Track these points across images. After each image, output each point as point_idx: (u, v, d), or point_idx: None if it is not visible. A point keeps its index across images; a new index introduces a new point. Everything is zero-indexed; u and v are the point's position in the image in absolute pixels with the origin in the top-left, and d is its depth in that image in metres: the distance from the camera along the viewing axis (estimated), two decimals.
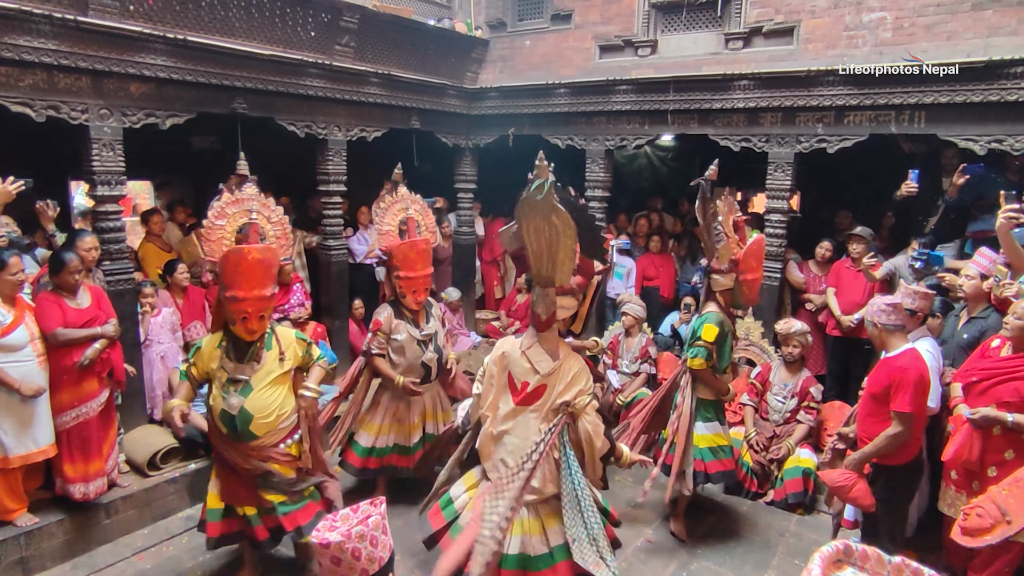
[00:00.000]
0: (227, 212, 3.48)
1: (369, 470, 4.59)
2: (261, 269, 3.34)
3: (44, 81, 4.05)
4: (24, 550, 3.85)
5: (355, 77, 5.93)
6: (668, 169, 9.05)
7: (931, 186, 5.26)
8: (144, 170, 7.54)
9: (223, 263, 3.33)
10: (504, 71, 7.36)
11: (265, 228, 3.57)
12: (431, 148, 7.42)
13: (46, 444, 3.87)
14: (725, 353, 4.20)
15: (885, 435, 3.36)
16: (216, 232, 3.44)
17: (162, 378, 5.01)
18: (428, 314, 4.63)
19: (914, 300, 3.93)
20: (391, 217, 4.60)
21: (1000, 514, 2.63)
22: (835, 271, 5.61)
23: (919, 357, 3.44)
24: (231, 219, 3.49)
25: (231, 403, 3.36)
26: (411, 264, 4.43)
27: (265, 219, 3.60)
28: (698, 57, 6.00)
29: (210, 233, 3.44)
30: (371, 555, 1.52)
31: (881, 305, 3.52)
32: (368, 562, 1.51)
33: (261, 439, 3.44)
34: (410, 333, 4.48)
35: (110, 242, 4.53)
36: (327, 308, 6.41)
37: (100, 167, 4.37)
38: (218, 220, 3.46)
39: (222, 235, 3.45)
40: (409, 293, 4.47)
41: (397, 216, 4.62)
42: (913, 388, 3.30)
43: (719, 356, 4.16)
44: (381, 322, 4.46)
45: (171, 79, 4.62)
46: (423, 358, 4.52)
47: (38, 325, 3.82)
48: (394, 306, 4.53)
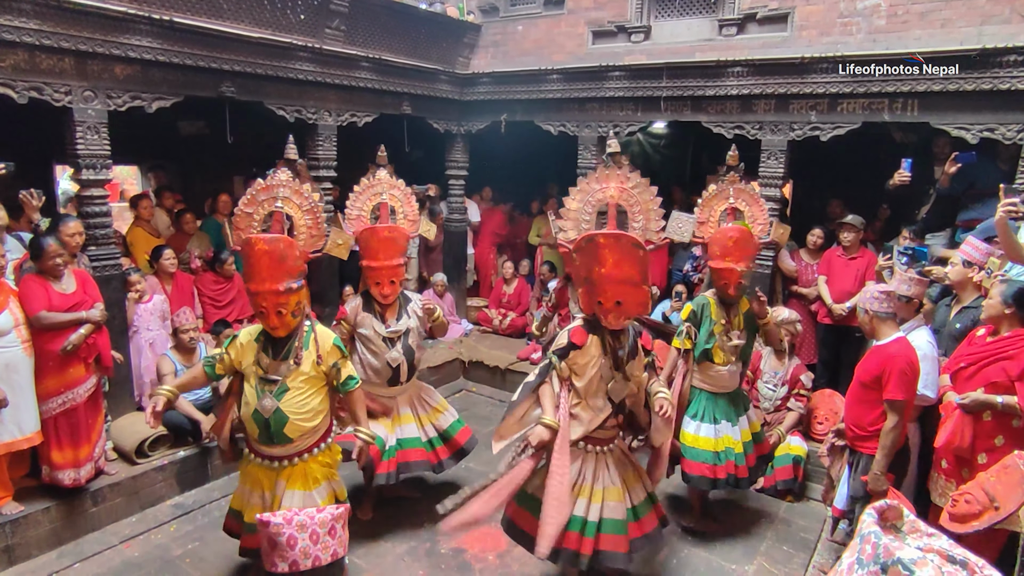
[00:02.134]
0: (257, 199, 3.29)
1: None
2: (268, 261, 3.09)
3: (26, 62, 3.97)
4: (10, 538, 3.81)
5: (345, 61, 5.86)
6: (660, 156, 9.02)
7: (923, 175, 5.26)
8: (131, 155, 7.45)
9: (243, 255, 3.17)
10: (496, 56, 7.29)
11: (296, 217, 3.36)
12: (421, 134, 7.36)
13: (31, 431, 3.82)
14: (700, 339, 4.16)
15: (885, 432, 3.40)
16: (244, 220, 3.26)
17: (150, 365, 4.95)
18: (402, 310, 4.27)
19: (910, 287, 3.94)
20: (363, 202, 4.33)
21: (988, 500, 2.64)
22: (826, 260, 5.61)
23: (909, 345, 3.48)
24: (259, 207, 3.30)
25: (264, 405, 3.15)
26: (372, 253, 4.08)
27: (296, 206, 3.36)
28: (691, 43, 5.96)
29: (239, 221, 3.26)
30: (306, 549, 1.49)
31: (875, 292, 3.57)
32: (301, 555, 1.49)
33: (296, 442, 3.24)
34: (374, 328, 4.15)
35: (96, 227, 4.46)
36: (318, 295, 6.35)
37: (85, 151, 4.29)
38: (247, 208, 3.27)
39: (250, 223, 3.26)
40: (372, 284, 4.11)
41: (371, 201, 4.34)
42: (902, 375, 3.35)
43: (695, 341, 4.17)
44: (347, 311, 4.20)
45: (157, 61, 4.53)
46: (387, 356, 4.16)
47: (24, 308, 3.76)
48: (365, 297, 4.23)
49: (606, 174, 3.36)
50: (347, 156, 6.17)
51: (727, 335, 4.17)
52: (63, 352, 3.84)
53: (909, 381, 3.38)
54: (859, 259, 5.41)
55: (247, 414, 3.23)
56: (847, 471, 3.86)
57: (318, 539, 1.52)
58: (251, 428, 3.25)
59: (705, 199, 4.33)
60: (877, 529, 1.32)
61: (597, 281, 3.18)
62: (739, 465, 4.18)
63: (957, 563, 1.26)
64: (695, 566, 4.02)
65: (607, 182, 3.36)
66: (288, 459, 3.26)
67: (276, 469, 3.27)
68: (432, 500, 4.63)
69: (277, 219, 3.28)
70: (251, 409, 3.19)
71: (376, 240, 4.10)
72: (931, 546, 1.29)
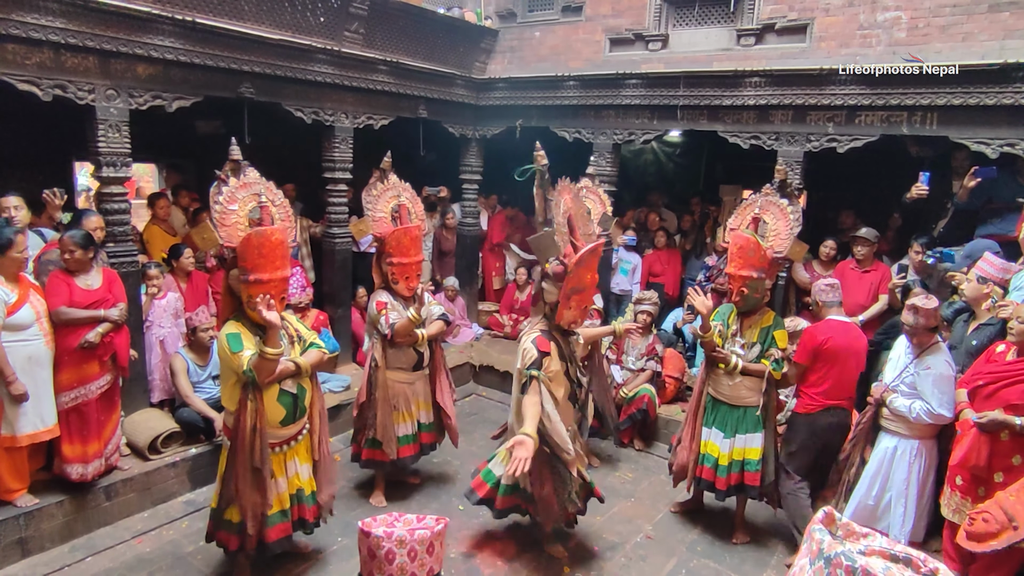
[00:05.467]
0: (237, 197, 3.45)
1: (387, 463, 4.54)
2: (283, 250, 3.38)
3: (51, 60, 4.01)
4: (23, 531, 3.84)
5: (363, 64, 5.89)
6: (674, 165, 9.00)
7: (940, 189, 5.23)
8: (148, 153, 7.49)
9: (244, 247, 3.28)
10: (513, 62, 7.31)
11: (272, 211, 3.56)
12: (436, 138, 7.38)
13: (52, 423, 3.86)
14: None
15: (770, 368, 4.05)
16: (230, 217, 3.41)
17: (160, 363, 4.99)
18: (422, 300, 4.55)
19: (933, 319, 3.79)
20: (383, 204, 4.57)
21: (1007, 519, 2.62)
22: (839, 272, 5.57)
23: (832, 325, 4.04)
24: (242, 203, 3.46)
25: (287, 383, 3.42)
26: (404, 250, 4.39)
27: (270, 202, 3.58)
28: (709, 52, 5.96)
29: (224, 218, 3.39)
30: (403, 566, 1.53)
31: (822, 284, 4.18)
32: (398, 571, 1.52)
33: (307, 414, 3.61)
34: (407, 316, 4.35)
35: (114, 224, 4.50)
36: (330, 296, 6.39)
37: (106, 148, 4.33)
38: (230, 205, 3.42)
39: (236, 220, 3.42)
40: (402, 279, 4.42)
41: (389, 203, 4.59)
42: (806, 344, 4.03)
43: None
44: (386, 302, 4.40)
45: (179, 61, 4.57)
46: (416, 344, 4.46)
47: (47, 302, 3.81)
48: (387, 291, 4.49)
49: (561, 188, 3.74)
50: (361, 159, 6.20)
51: (732, 342, 4.17)
52: (80, 348, 3.87)
53: (807, 349, 4.03)
54: (872, 272, 5.39)
55: (271, 400, 3.37)
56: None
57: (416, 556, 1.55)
58: (276, 413, 3.41)
59: (738, 209, 4.37)
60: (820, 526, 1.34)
61: (589, 287, 3.54)
62: (719, 476, 4.20)
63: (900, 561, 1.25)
64: None
65: (562, 195, 3.71)
66: (299, 434, 3.61)
67: (285, 452, 3.55)
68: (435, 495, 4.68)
69: (266, 213, 3.49)
70: (275, 393, 3.38)
71: (409, 239, 4.43)
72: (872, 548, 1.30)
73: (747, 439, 4.15)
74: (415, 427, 4.61)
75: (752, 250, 4.02)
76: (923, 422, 3.75)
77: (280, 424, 3.44)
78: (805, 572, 1.30)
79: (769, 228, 4.20)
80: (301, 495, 3.64)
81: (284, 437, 3.53)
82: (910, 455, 3.88)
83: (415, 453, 4.64)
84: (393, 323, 4.29)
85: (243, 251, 3.29)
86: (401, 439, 4.52)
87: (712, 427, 4.27)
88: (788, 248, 4.15)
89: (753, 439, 4.14)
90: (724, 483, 4.20)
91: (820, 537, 1.31)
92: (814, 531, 1.34)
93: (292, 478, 3.60)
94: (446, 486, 4.94)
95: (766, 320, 4.16)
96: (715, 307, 4.32)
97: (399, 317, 4.32)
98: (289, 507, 3.59)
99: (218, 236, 3.39)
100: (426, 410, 4.69)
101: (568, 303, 3.56)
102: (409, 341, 4.42)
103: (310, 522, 3.70)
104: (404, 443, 4.55)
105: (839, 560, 1.23)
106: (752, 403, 4.13)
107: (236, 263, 3.36)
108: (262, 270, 3.28)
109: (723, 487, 4.22)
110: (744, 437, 4.16)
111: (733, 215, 4.42)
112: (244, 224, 3.42)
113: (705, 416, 4.31)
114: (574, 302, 3.57)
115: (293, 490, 3.61)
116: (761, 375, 4.08)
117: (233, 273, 3.39)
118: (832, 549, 1.27)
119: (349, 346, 6.40)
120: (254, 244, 3.27)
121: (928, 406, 3.70)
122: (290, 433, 3.55)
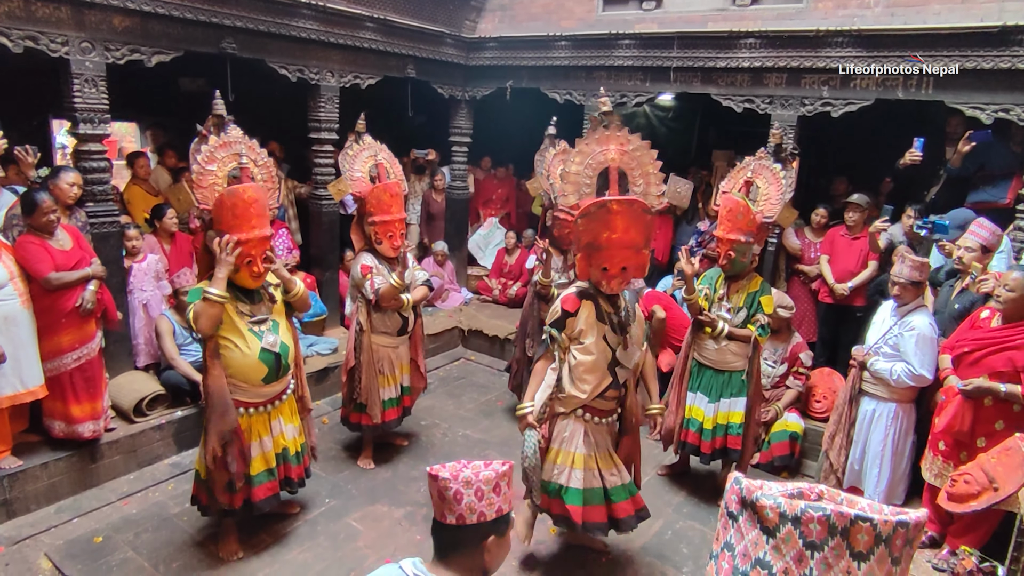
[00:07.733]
0: (216, 156, 3.36)
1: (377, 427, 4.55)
2: (258, 208, 3.28)
3: (21, 8, 3.85)
4: (8, 492, 3.82)
5: (350, 20, 5.72)
6: (667, 130, 8.89)
7: (933, 154, 5.19)
8: (130, 111, 7.31)
9: (218, 207, 3.22)
10: (504, 21, 7.12)
11: (253, 171, 3.47)
12: (426, 99, 7.23)
13: (35, 385, 3.81)
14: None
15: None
16: (208, 178, 3.32)
17: (143, 327, 4.93)
18: (405, 263, 4.37)
19: (921, 272, 3.88)
20: (361, 164, 4.50)
21: (988, 481, 2.65)
22: (829, 238, 5.57)
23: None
24: (221, 163, 3.38)
25: (270, 340, 3.37)
26: (385, 207, 4.29)
27: (252, 162, 3.49)
28: (704, 12, 5.82)
29: (201, 179, 3.31)
30: (471, 505, 1.63)
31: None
32: (467, 510, 1.62)
33: (290, 372, 3.58)
34: (392, 281, 4.26)
35: (94, 183, 4.38)
36: (317, 259, 6.32)
37: (82, 104, 4.19)
38: (208, 165, 3.33)
39: (214, 180, 3.33)
40: (385, 238, 4.31)
41: (367, 163, 4.51)
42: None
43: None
44: (371, 266, 4.32)
45: (156, 13, 4.41)
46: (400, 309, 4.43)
47: (29, 270, 3.74)
48: (371, 254, 4.40)
49: (606, 136, 3.25)
50: (348, 119, 6.05)
51: (718, 305, 4.16)
52: (83, 312, 3.86)
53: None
54: (862, 238, 5.37)
55: (251, 359, 3.32)
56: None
57: (482, 496, 1.67)
58: (258, 372, 3.36)
59: (732, 172, 4.31)
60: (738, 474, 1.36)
61: (605, 246, 3.12)
62: (703, 440, 4.24)
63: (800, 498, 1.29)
64: (691, 539, 4.06)
65: (607, 144, 3.24)
66: (283, 393, 3.57)
67: (269, 411, 3.52)
68: (423, 456, 4.69)
69: (246, 173, 3.39)
70: (256, 351, 3.32)
71: (388, 196, 4.33)
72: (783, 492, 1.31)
73: (731, 403, 4.18)
74: (399, 391, 4.61)
75: (741, 213, 3.98)
76: (904, 384, 3.79)
77: (263, 382, 3.40)
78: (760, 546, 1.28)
79: (760, 192, 4.16)
80: (286, 454, 3.64)
81: (268, 396, 3.49)
82: (887, 418, 3.93)
83: (398, 416, 4.65)
84: (378, 288, 4.24)
85: (217, 213, 3.22)
86: (385, 403, 4.51)
87: (697, 391, 4.29)
88: (778, 213, 4.11)
89: (737, 403, 4.17)
90: (709, 447, 4.24)
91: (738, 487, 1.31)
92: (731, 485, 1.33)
93: (277, 437, 3.59)
94: (433, 448, 4.96)
95: (753, 285, 4.14)
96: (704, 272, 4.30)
97: (383, 282, 4.26)
98: (275, 466, 3.58)
99: (194, 198, 3.31)
100: (408, 373, 4.69)
101: (589, 261, 3.22)
102: (394, 306, 4.37)
103: (295, 481, 3.70)
104: (389, 406, 4.54)
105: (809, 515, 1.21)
106: (738, 367, 4.15)
107: (213, 224, 3.30)
108: (238, 230, 3.21)
109: (707, 451, 4.26)
110: (728, 401, 4.18)
111: (726, 179, 4.36)
112: (223, 185, 3.34)
113: (690, 381, 4.32)
114: (594, 261, 3.20)
115: (279, 449, 3.60)
116: (747, 340, 4.08)
117: (209, 234, 3.32)
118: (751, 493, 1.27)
119: (337, 309, 6.36)
120: (227, 205, 3.20)
121: (910, 367, 3.73)
122: (274, 392, 3.51)
